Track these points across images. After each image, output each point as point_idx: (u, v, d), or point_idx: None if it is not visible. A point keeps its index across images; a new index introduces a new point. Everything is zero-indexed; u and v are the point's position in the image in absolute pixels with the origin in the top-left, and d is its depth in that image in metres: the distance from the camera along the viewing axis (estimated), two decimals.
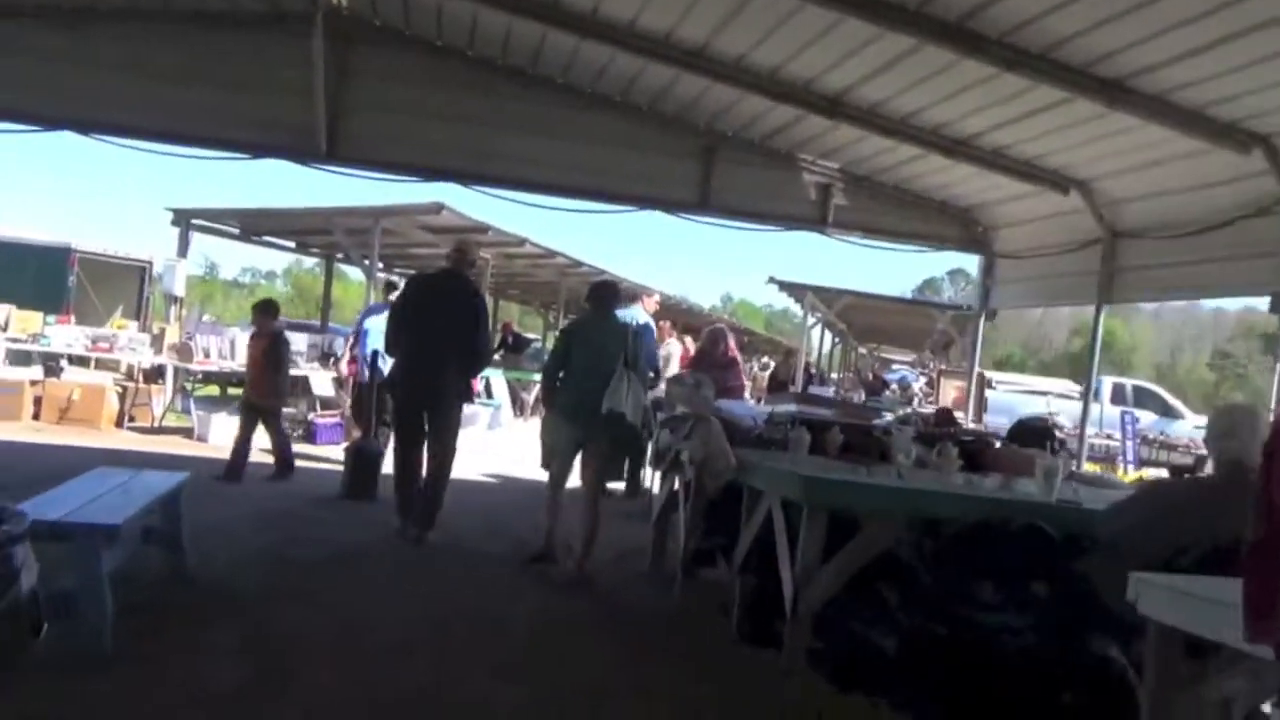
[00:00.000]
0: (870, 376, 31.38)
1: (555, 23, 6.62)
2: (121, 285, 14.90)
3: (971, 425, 8.94)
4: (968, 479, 4.63)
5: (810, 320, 18.97)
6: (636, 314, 8.76)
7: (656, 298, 9.46)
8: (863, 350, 36.45)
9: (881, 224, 8.70)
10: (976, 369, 10.62)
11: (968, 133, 6.87)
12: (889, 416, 6.34)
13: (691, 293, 22.62)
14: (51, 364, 11.67)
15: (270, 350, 8.02)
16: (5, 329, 11.35)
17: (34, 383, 10.66)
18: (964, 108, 6.41)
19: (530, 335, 25.36)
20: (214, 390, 12.75)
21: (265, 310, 8.31)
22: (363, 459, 7.53)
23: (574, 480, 5.88)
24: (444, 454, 6.16)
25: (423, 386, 6.08)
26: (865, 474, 4.58)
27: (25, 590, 3.21)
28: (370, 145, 7.73)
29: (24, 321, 11.59)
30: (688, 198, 8.30)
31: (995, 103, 6.15)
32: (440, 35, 7.77)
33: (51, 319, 11.35)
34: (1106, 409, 19.73)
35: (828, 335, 29.10)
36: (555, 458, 5.79)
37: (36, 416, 10.42)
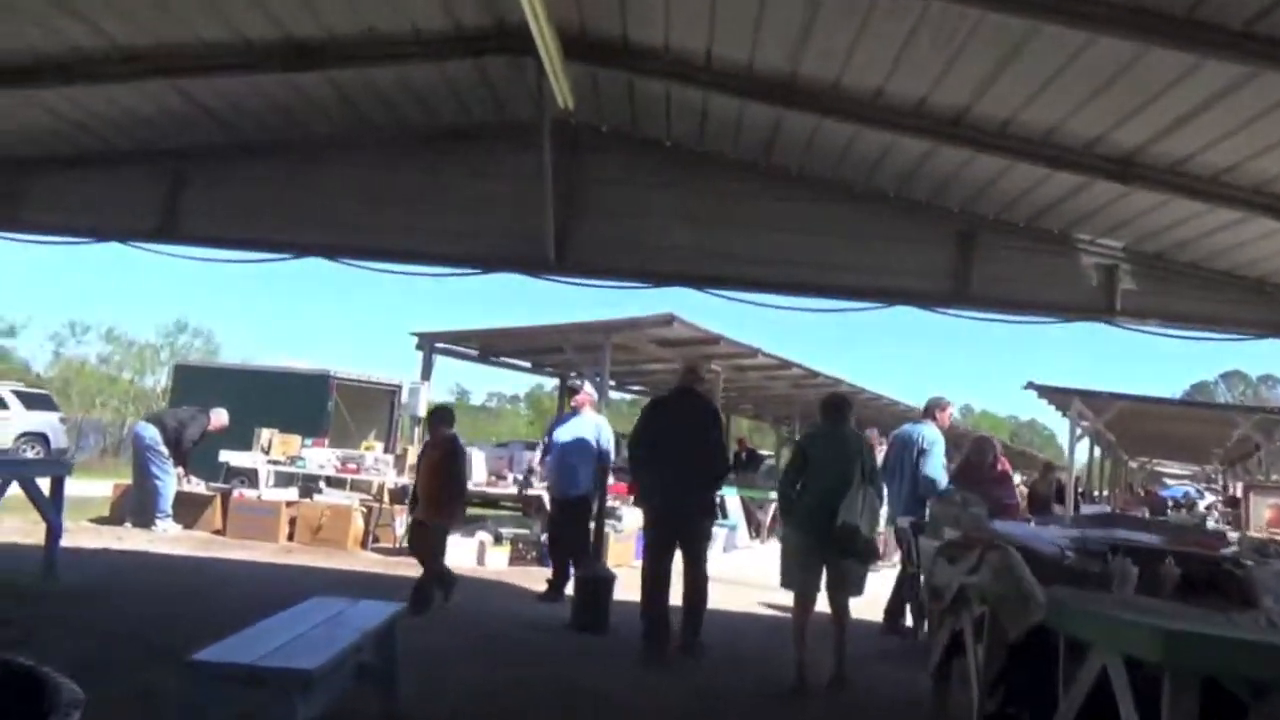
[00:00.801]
0: (1143, 493, 27.82)
1: (791, 103, 6.07)
2: (374, 409, 15.64)
3: None
4: None
5: (1076, 431, 16.92)
6: (925, 430, 7.92)
7: (950, 410, 8.49)
8: (1133, 464, 32.62)
9: (1179, 309, 7.33)
10: None
11: None
12: (1235, 545, 5.00)
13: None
14: (311, 484, 12.18)
15: (444, 462, 7.56)
16: (268, 451, 11.99)
17: (290, 504, 11.06)
18: None
19: (764, 452, 24.54)
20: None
21: (440, 418, 8.02)
22: (594, 586, 6.96)
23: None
24: (699, 573, 6.26)
25: (671, 507, 6.20)
26: (1228, 623, 3.44)
27: None
28: (598, 253, 7.43)
29: (284, 445, 12.23)
30: (941, 289, 7.37)
31: None
32: (669, 133, 7.45)
33: (309, 441, 11.87)
34: None
35: (1091, 448, 26.15)
36: (796, 575, 5.84)
37: (291, 537, 10.76)
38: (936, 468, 7.73)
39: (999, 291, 7.36)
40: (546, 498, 11.40)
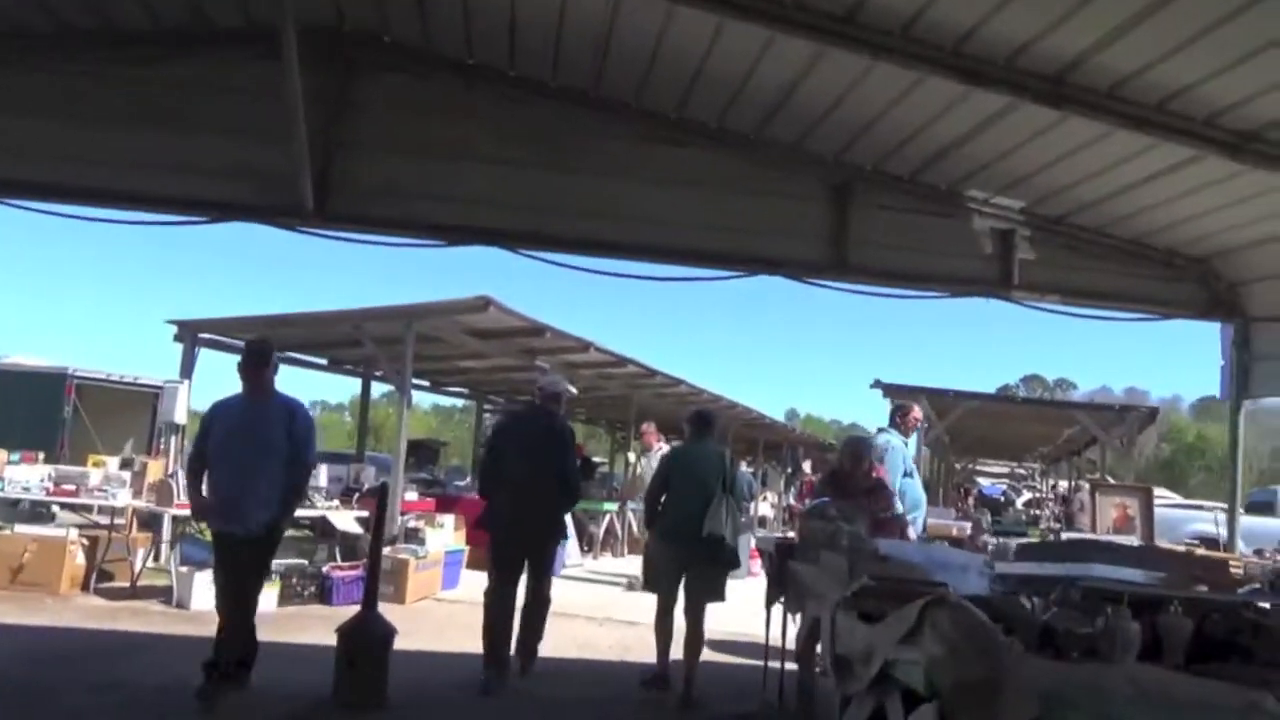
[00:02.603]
0: (966, 492, 28.12)
1: (624, 7, 4.48)
2: (129, 415, 12.99)
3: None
4: None
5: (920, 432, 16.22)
6: (880, 439, 6.81)
7: (915, 413, 7.22)
8: (957, 465, 33.19)
9: (1081, 283, 6.23)
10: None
11: (1265, 118, 4.45)
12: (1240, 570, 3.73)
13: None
14: (42, 510, 9.62)
15: None
16: None
17: None
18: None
19: (598, 459, 22.96)
20: None
21: None
22: (363, 645, 5.09)
23: None
24: (542, 592, 6.25)
25: (521, 531, 6.04)
26: None
27: None
28: (374, 200, 5.58)
29: None
30: (815, 257, 5.98)
31: None
32: (470, 51, 5.71)
33: (15, 457, 9.29)
34: None
35: (918, 449, 26.06)
36: (661, 581, 6.10)
37: None
38: (894, 480, 6.49)
39: (879, 259, 6.04)
40: (335, 519, 9.41)
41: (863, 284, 6.05)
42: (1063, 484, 23.54)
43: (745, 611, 7.98)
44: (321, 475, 10.01)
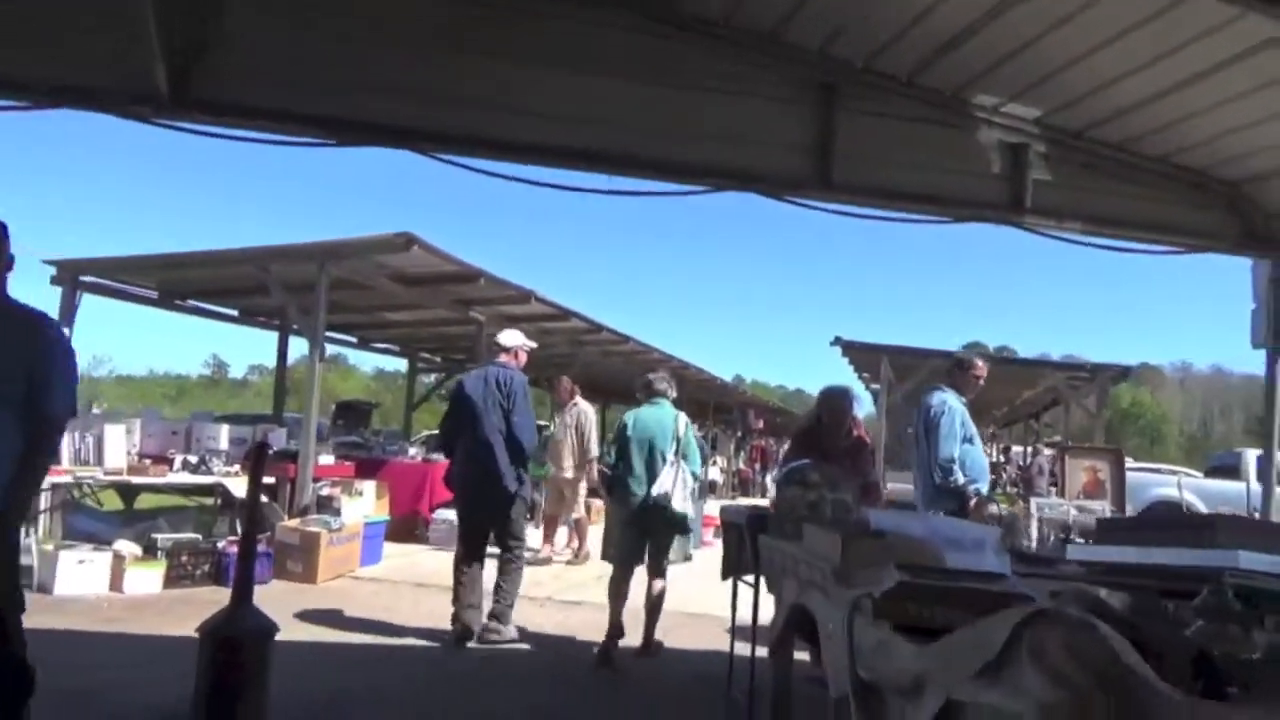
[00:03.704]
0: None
1: None
2: None
3: None
4: None
5: (883, 394, 15.42)
6: (934, 397, 5.90)
7: (978, 371, 6.11)
8: (910, 431, 32.69)
9: (1106, 210, 5.31)
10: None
11: None
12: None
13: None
14: None
15: None
16: None
17: None
18: None
19: (541, 423, 21.86)
20: (118, 502, 9.24)
21: None
22: (228, 652, 4.00)
23: None
24: (510, 555, 6.20)
25: (483, 493, 6.10)
26: None
27: None
28: (246, 86, 4.39)
29: None
30: (794, 171, 4.95)
31: None
32: None
33: None
34: (1254, 486, 16.09)
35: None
36: (619, 546, 6.08)
37: None
38: (948, 443, 5.61)
39: (869, 176, 5.04)
40: (235, 488, 8.23)
41: (850, 204, 5.05)
42: (1016, 448, 23.15)
43: (709, 585, 7.16)
44: (222, 437, 8.84)
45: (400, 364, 17.09)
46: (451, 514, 10.33)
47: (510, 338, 6.49)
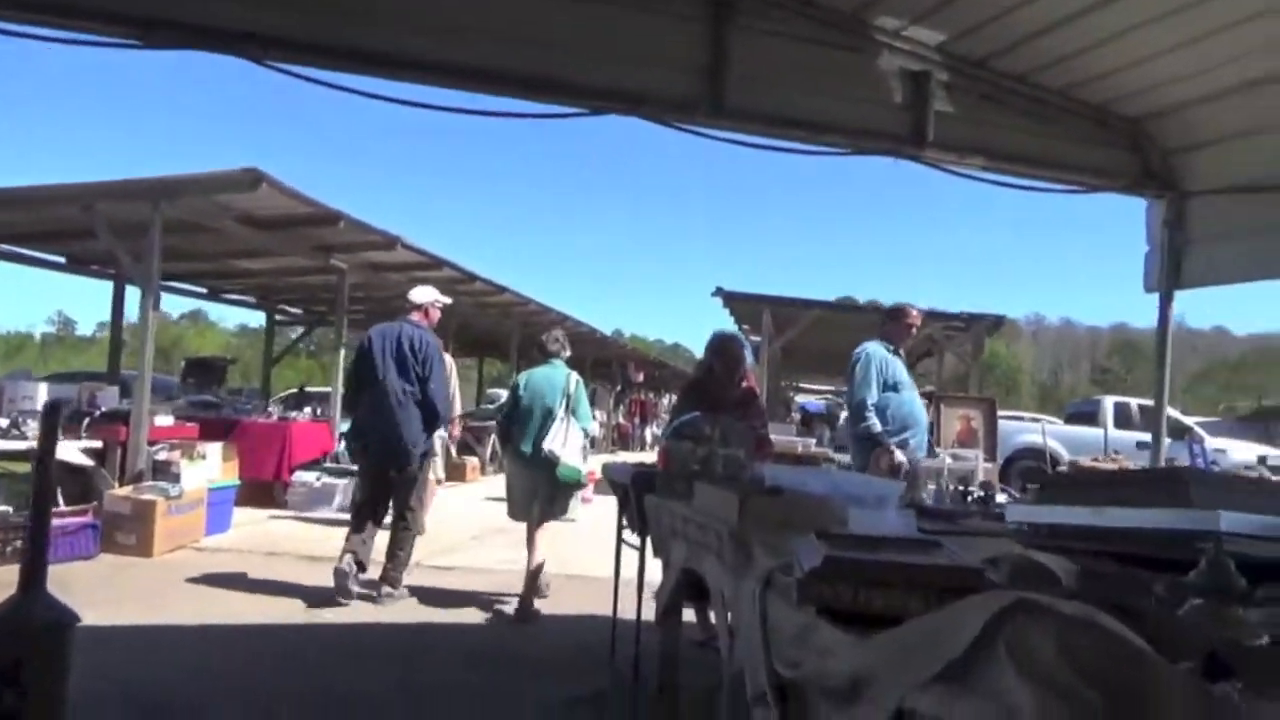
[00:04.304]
0: (794, 410, 27.98)
1: None
2: None
3: None
4: None
5: (764, 346, 15.26)
6: (861, 349, 5.66)
7: (910, 318, 5.78)
8: (783, 384, 33.04)
9: (1008, 145, 5.03)
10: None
11: None
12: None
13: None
14: None
15: None
16: None
17: None
18: None
19: None
20: None
21: None
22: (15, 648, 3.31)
23: None
24: (405, 513, 6.08)
25: (385, 452, 5.97)
26: None
27: None
28: None
29: None
30: (684, 94, 4.46)
31: None
32: None
33: None
34: (1111, 433, 16.81)
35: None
36: (517, 503, 6.16)
37: None
38: (861, 389, 5.48)
39: (765, 101, 4.60)
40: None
41: (743, 131, 4.60)
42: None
43: (592, 546, 6.83)
44: (39, 397, 7.85)
45: (262, 318, 15.93)
46: (312, 476, 9.62)
47: (422, 294, 6.24)
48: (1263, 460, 13.73)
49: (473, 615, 5.89)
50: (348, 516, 6.73)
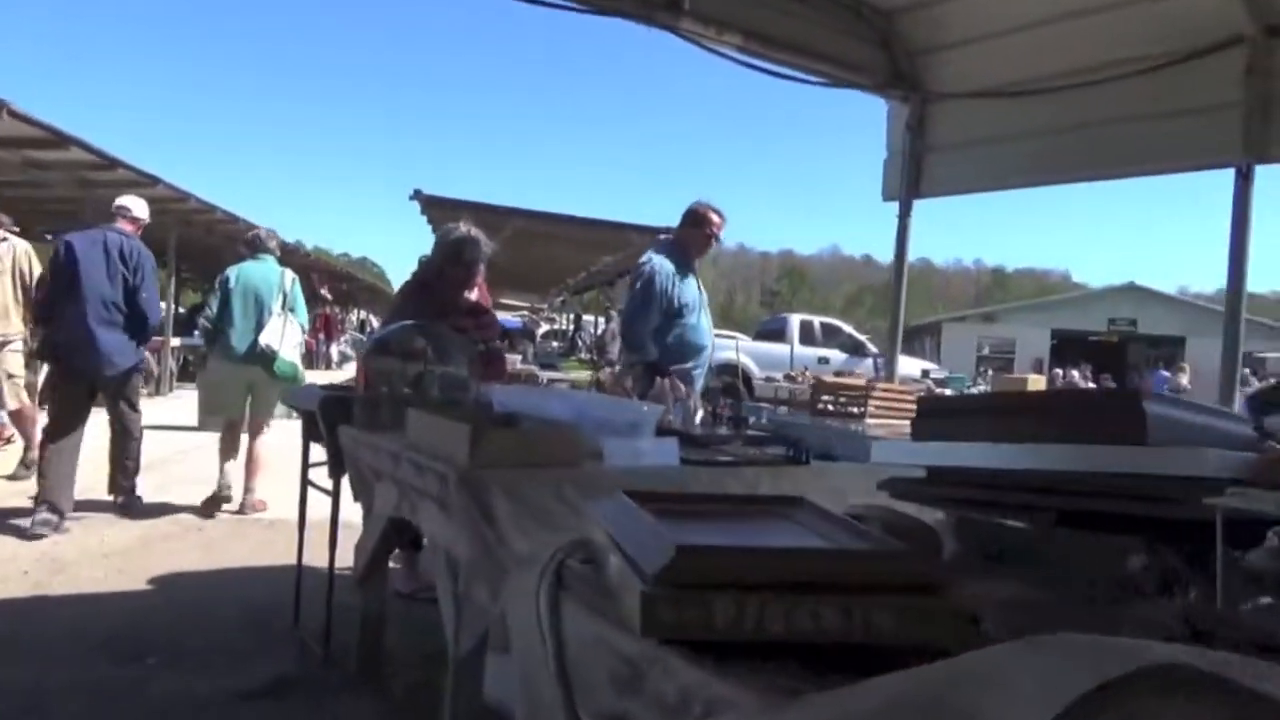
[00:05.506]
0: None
1: None
2: None
3: None
4: None
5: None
6: (652, 257, 4.73)
7: (711, 225, 4.75)
8: None
9: (766, 27, 4.48)
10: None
11: None
12: None
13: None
14: None
15: None
16: None
17: None
18: None
19: None
20: None
21: None
22: None
23: None
24: (126, 421, 5.81)
25: (88, 361, 5.53)
26: None
27: None
28: None
29: None
30: None
31: None
32: None
33: None
34: (797, 349, 17.70)
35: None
36: (224, 402, 6.06)
37: None
38: (639, 318, 4.68)
39: None
40: None
41: None
42: (588, 317, 23.50)
43: (279, 486, 5.71)
44: None
45: None
46: None
47: (141, 207, 5.92)
48: (926, 374, 15.05)
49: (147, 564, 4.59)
50: None
